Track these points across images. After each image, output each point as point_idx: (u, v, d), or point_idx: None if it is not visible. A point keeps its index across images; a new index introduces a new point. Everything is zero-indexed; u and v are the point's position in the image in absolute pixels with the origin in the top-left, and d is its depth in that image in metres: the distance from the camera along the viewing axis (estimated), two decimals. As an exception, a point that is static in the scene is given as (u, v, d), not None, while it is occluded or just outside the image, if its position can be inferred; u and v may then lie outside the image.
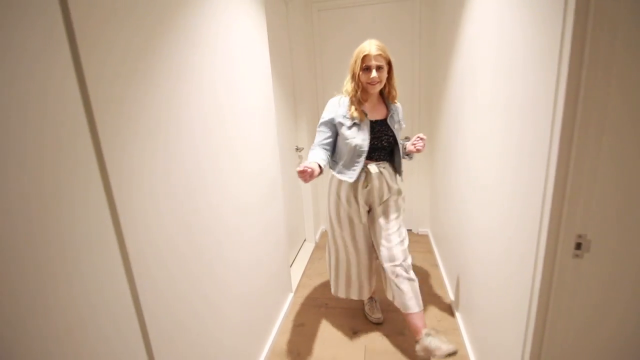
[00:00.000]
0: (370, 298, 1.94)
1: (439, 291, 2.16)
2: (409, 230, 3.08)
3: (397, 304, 1.54)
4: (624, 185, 0.79)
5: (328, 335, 1.82)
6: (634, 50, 0.72)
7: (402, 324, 1.83)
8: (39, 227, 0.57)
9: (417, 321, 1.48)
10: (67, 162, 0.63)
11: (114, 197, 0.72)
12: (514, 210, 1.06)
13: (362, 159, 1.51)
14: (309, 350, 1.72)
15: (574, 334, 0.89)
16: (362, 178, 1.55)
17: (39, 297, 0.57)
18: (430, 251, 2.72)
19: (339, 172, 1.58)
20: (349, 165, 1.54)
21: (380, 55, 1.40)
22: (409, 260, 1.55)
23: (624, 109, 0.75)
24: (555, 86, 0.78)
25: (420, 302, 1.51)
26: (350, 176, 1.53)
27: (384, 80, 1.47)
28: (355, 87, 1.48)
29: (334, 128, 1.56)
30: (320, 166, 1.43)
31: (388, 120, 1.54)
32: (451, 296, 2.04)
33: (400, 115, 1.61)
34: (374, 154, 1.55)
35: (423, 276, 2.34)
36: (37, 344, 0.57)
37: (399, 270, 1.51)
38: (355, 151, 1.51)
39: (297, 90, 2.65)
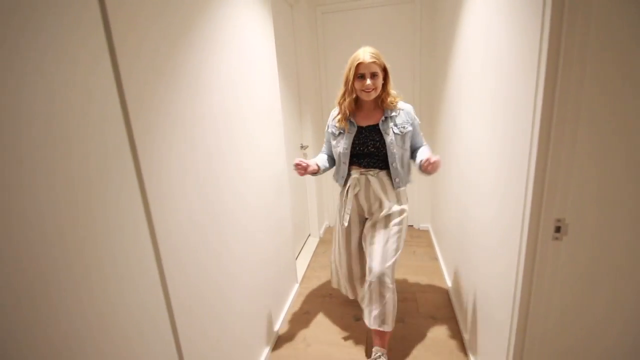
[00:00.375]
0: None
1: (437, 281, 2.25)
2: (410, 226, 3.16)
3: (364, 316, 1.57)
4: (598, 173, 0.88)
5: (332, 322, 1.92)
6: (605, 51, 0.81)
7: (402, 313, 1.92)
8: (85, 209, 0.68)
9: (375, 337, 1.56)
10: (106, 151, 0.73)
11: (144, 181, 0.83)
12: (502, 200, 1.15)
13: (346, 166, 1.56)
14: (314, 335, 1.82)
15: (555, 308, 0.98)
16: (351, 184, 1.57)
17: (79, 269, 0.68)
18: (430, 245, 2.81)
19: (334, 177, 1.68)
20: (338, 171, 1.63)
21: (374, 62, 1.40)
22: (387, 279, 1.47)
23: (597, 103, 0.83)
24: (535, 84, 0.87)
25: (389, 321, 1.50)
26: (339, 181, 1.64)
27: (379, 88, 1.46)
28: (345, 95, 1.49)
29: (330, 137, 1.64)
30: (318, 165, 1.59)
31: (380, 125, 1.50)
32: (448, 283, 2.13)
33: (405, 118, 1.52)
34: (362, 160, 1.55)
35: (423, 268, 2.43)
36: (78, 308, 0.68)
37: (373, 286, 1.49)
38: (340, 158, 1.57)
39: (302, 90, 2.75)
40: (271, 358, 1.67)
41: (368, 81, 1.41)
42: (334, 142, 1.59)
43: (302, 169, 1.51)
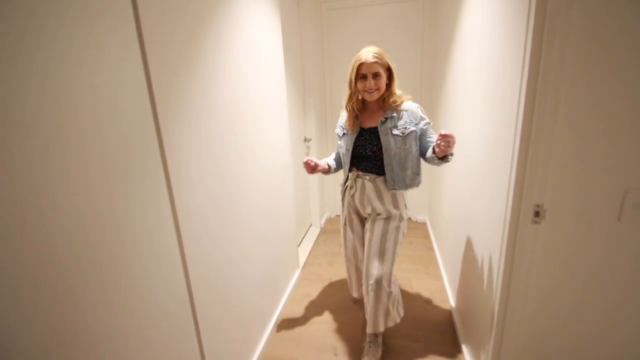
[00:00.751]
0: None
1: (432, 270, 2.36)
2: (408, 219, 3.27)
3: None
4: (574, 163, 0.98)
5: (331, 303, 2.04)
6: (581, 56, 0.90)
7: (403, 294, 2.03)
8: (122, 191, 0.79)
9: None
10: (137, 138, 0.84)
11: (167, 161, 0.93)
12: (488, 188, 1.26)
13: (347, 166, 1.56)
14: (314, 315, 1.94)
15: (533, 288, 1.09)
16: (348, 185, 1.59)
17: (110, 246, 0.79)
18: (427, 237, 2.92)
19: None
20: (344, 171, 1.63)
21: (376, 62, 1.36)
22: (385, 282, 1.48)
23: (573, 104, 0.94)
24: (520, 82, 0.97)
25: (381, 325, 1.52)
26: (344, 179, 1.63)
27: (383, 88, 1.42)
28: (351, 97, 1.48)
29: (337, 137, 1.65)
30: (329, 165, 1.64)
31: (379, 126, 1.45)
32: (443, 271, 2.25)
33: (408, 119, 1.44)
34: (360, 164, 1.52)
35: (420, 257, 2.55)
36: (109, 275, 0.79)
37: (369, 289, 1.50)
38: (343, 158, 1.59)
39: (307, 84, 2.85)
40: (274, 336, 1.79)
41: (371, 82, 1.39)
42: (339, 142, 1.61)
43: (309, 168, 1.54)
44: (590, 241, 1.03)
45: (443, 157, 1.34)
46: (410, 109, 1.46)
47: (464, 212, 1.70)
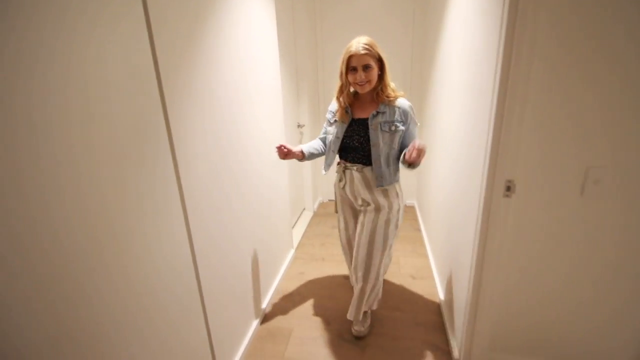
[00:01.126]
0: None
1: (418, 249, 2.51)
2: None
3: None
4: (541, 144, 1.09)
5: (324, 280, 2.17)
6: (548, 49, 1.01)
7: (387, 274, 2.17)
8: (134, 181, 0.87)
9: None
10: (148, 126, 0.92)
11: (173, 140, 1.02)
12: (467, 168, 1.37)
13: (334, 154, 1.55)
14: (308, 290, 2.07)
15: (505, 248, 1.23)
16: (339, 176, 1.60)
17: (124, 236, 0.88)
18: (415, 219, 3.06)
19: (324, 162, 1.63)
20: (327, 157, 1.60)
21: (367, 54, 1.33)
22: (371, 277, 1.54)
23: (541, 91, 1.04)
24: (494, 69, 1.07)
25: (359, 314, 1.61)
26: (325, 169, 1.62)
27: (374, 80, 1.38)
28: (342, 88, 1.46)
29: (326, 123, 1.63)
30: (303, 152, 1.57)
31: (369, 120, 1.43)
32: (429, 250, 2.39)
33: (399, 116, 1.42)
34: (348, 155, 1.52)
35: (407, 237, 2.69)
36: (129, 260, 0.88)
37: (357, 280, 1.57)
38: (330, 146, 1.57)
39: (300, 69, 2.90)
40: (271, 310, 1.91)
41: (361, 75, 1.36)
42: (328, 128, 1.59)
43: (282, 154, 1.52)
44: (556, 213, 1.16)
45: (410, 164, 1.36)
46: (402, 107, 1.43)
47: (448, 192, 1.82)
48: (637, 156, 1.06)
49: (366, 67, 1.36)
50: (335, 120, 1.54)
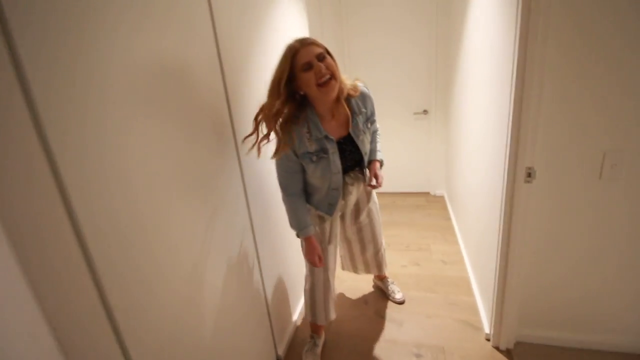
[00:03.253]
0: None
1: (449, 237, 2.61)
2: (426, 193, 3.50)
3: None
4: (558, 131, 1.20)
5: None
6: (562, 38, 1.11)
7: (418, 259, 2.30)
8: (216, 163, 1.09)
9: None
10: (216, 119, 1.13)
11: (237, 141, 1.23)
12: (491, 157, 1.49)
13: (338, 192, 1.32)
14: (345, 275, 2.24)
15: (528, 231, 1.34)
16: (346, 192, 1.40)
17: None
18: (445, 209, 3.15)
19: (318, 209, 1.38)
20: (325, 199, 1.34)
21: (314, 44, 1.09)
22: (380, 254, 1.79)
23: (557, 80, 1.15)
24: (512, 66, 1.19)
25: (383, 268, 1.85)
26: (329, 212, 1.36)
27: (338, 73, 1.13)
28: (278, 105, 1.10)
29: (301, 164, 1.28)
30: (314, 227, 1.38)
31: (351, 133, 1.24)
32: (459, 238, 2.50)
33: (370, 108, 1.30)
34: (346, 174, 1.35)
35: (437, 226, 2.80)
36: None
37: (373, 260, 1.80)
38: (330, 184, 1.29)
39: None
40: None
41: (319, 65, 1.08)
42: (311, 168, 1.23)
43: (319, 261, 1.38)
44: (576, 197, 1.26)
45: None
46: (368, 95, 1.29)
47: (475, 181, 1.93)
48: (652, 140, 1.14)
49: (321, 57, 1.09)
50: (322, 157, 1.20)
